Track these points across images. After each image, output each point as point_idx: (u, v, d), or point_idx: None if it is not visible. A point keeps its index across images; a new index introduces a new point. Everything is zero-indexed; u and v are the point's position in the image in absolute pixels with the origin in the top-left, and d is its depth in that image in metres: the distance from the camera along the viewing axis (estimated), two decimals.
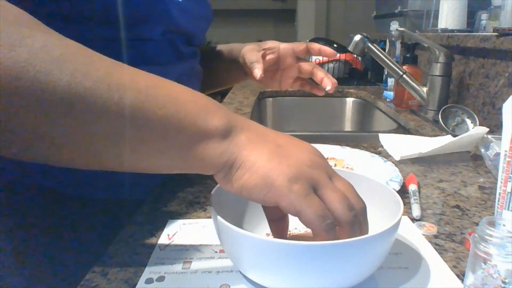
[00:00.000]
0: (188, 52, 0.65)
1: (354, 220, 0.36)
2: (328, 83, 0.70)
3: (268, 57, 0.71)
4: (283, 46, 0.72)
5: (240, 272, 0.40)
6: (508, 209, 0.45)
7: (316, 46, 0.73)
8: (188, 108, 0.36)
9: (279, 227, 0.42)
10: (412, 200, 0.57)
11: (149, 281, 0.40)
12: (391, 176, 0.62)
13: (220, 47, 0.82)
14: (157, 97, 0.35)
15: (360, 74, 2.02)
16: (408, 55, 1.32)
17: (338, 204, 0.36)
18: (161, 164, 0.37)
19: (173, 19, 0.57)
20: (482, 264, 0.34)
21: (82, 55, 0.33)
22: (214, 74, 0.80)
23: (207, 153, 0.36)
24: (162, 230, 0.49)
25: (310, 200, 0.35)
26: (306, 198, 0.35)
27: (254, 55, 0.69)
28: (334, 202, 0.36)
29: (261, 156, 0.36)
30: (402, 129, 1.19)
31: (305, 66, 0.73)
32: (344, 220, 0.35)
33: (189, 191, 0.61)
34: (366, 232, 0.38)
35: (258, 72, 0.67)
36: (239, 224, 0.45)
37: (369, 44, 1.18)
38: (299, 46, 0.73)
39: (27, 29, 0.31)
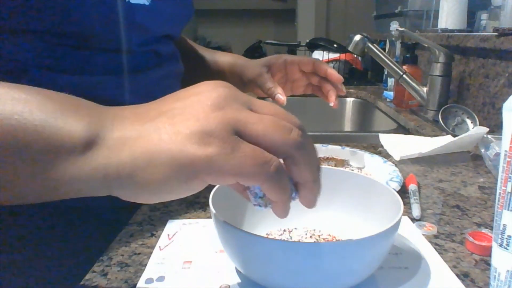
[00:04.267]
0: (165, 54, 0.63)
1: (299, 142, 0.29)
2: (332, 98, 0.75)
3: (276, 77, 0.76)
4: (290, 61, 0.75)
5: (240, 272, 0.40)
6: (508, 209, 0.45)
7: (323, 66, 0.74)
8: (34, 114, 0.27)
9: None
10: (412, 200, 0.57)
11: (149, 281, 0.40)
12: (391, 176, 0.62)
13: (219, 57, 0.83)
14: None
15: (360, 74, 2.02)
16: (408, 55, 1.32)
17: (272, 133, 0.28)
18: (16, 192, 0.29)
19: (142, 25, 0.55)
20: None
21: None
22: None
23: (72, 173, 0.27)
24: (162, 230, 0.49)
25: (239, 153, 0.27)
26: (234, 154, 0.27)
27: (267, 79, 0.73)
28: (266, 134, 0.28)
29: (148, 138, 0.27)
30: (402, 129, 1.19)
31: (314, 79, 0.76)
32: (288, 149, 0.28)
33: None
34: (315, 153, 0.31)
35: (281, 97, 0.70)
36: (239, 224, 0.45)
37: (369, 44, 1.18)
38: (306, 63, 0.75)
39: None
